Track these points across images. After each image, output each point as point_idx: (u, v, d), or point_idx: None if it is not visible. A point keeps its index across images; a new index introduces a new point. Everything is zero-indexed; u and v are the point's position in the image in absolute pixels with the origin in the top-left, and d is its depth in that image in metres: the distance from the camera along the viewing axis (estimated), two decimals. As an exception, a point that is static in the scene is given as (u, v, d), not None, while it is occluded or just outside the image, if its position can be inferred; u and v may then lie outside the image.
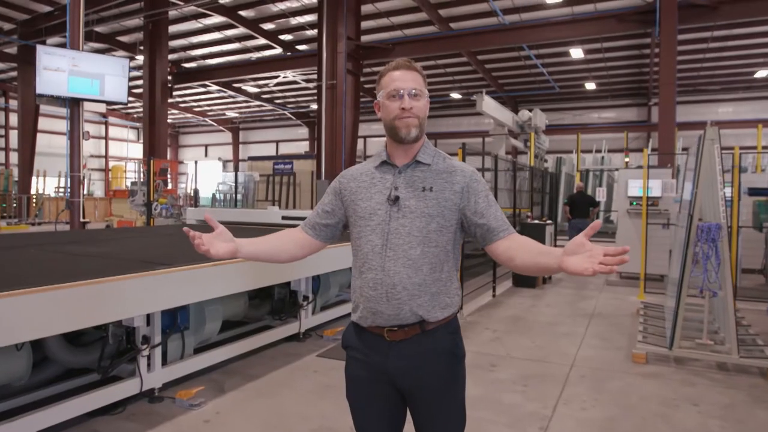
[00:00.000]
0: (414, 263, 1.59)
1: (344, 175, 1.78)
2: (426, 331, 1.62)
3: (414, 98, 1.62)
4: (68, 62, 8.28)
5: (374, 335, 1.65)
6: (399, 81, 1.62)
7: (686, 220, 4.62)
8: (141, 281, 3.16)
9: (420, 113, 1.63)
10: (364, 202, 1.67)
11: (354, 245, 1.71)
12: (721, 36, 16.67)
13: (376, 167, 1.72)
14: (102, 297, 2.93)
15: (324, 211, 1.78)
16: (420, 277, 1.60)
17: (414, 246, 1.59)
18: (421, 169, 1.66)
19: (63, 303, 2.73)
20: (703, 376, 4.22)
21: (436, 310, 1.63)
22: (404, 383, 1.64)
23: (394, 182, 1.65)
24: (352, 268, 1.73)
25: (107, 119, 32.82)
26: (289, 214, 7.98)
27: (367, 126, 28.46)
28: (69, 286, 2.77)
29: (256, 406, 3.55)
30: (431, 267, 1.61)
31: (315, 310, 5.38)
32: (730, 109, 23.11)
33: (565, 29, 14.69)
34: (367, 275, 1.63)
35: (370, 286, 1.62)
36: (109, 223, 17.43)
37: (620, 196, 9.59)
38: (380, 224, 1.63)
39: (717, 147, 4.38)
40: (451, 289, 1.68)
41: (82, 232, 7.33)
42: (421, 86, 1.65)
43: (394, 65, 1.66)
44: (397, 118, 1.62)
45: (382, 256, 1.61)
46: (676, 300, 4.46)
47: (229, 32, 19.17)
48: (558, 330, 5.70)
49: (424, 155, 1.68)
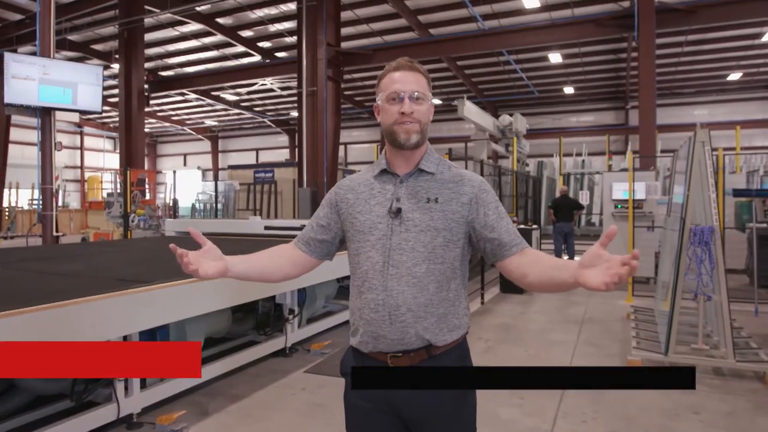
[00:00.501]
0: (419, 281, 1.44)
1: (341, 186, 1.63)
2: (433, 356, 1.48)
3: (415, 102, 1.48)
4: (38, 70, 7.95)
5: (376, 362, 1.50)
6: (399, 83, 1.48)
7: (678, 223, 4.56)
8: (116, 301, 2.95)
9: (422, 118, 1.49)
10: (362, 215, 1.52)
11: (352, 262, 1.56)
12: (695, 40, 16.95)
13: (375, 176, 1.56)
14: (73, 319, 2.72)
15: (319, 225, 1.63)
16: (426, 297, 1.45)
17: (419, 263, 1.45)
18: (425, 179, 1.52)
19: (31, 327, 2.52)
20: (700, 383, 4.14)
21: (444, 333, 1.48)
22: (410, 414, 1.48)
23: (396, 193, 1.50)
24: (350, 287, 1.57)
25: (82, 129, 32.13)
26: (271, 224, 7.77)
27: (348, 133, 28.35)
28: (36, 310, 2.56)
29: (241, 429, 3.36)
30: (438, 285, 1.46)
31: (301, 323, 5.20)
32: (705, 112, 23.51)
33: (544, 34, 14.75)
34: (367, 295, 1.48)
35: (371, 307, 1.47)
36: (85, 236, 16.96)
37: (605, 200, 9.59)
38: (381, 239, 1.48)
39: (708, 149, 4.33)
40: (460, 309, 1.53)
41: (55, 246, 7.03)
42: (424, 89, 1.50)
43: (394, 65, 1.52)
44: (396, 123, 1.48)
45: (383, 274, 1.45)
46: (670, 305, 4.38)
47: (207, 40, 18.90)
48: (550, 337, 5.60)
49: (428, 163, 1.54)
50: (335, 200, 1.61)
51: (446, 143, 19.64)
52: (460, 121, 24.66)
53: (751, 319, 6.19)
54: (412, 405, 1.47)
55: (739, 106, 22.82)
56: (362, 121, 29.10)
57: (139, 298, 3.08)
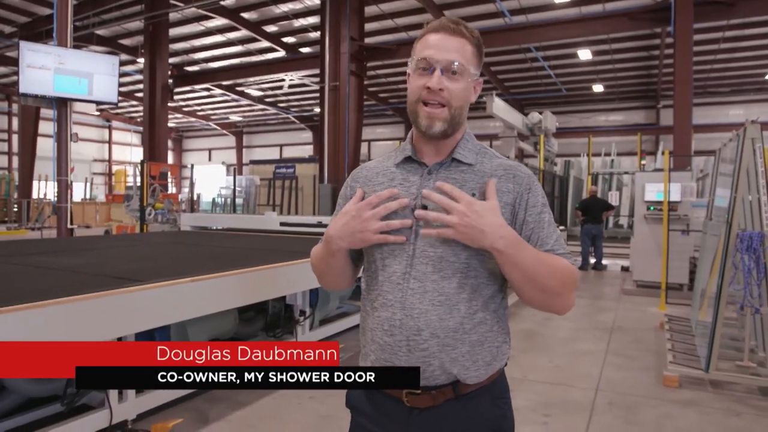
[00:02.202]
0: (447, 299, 1.14)
1: (356, 177, 1.33)
2: (462, 395, 1.17)
3: (450, 77, 1.15)
4: (54, 60, 7.86)
5: (389, 398, 1.21)
6: (434, 48, 1.16)
7: (722, 228, 4.17)
8: (109, 300, 2.74)
9: (453, 100, 1.16)
10: None
11: (366, 271, 1.28)
12: (732, 36, 16.24)
13: (398, 165, 1.26)
14: (67, 318, 2.52)
15: None
16: (456, 320, 1.15)
17: (448, 276, 1.15)
18: (459, 170, 1.21)
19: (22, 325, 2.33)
20: (746, 404, 3.76)
21: (477, 367, 1.17)
22: None
23: (422, 186, 1.19)
24: (362, 301, 1.29)
25: (111, 123, 32.66)
26: (288, 220, 7.56)
27: (371, 129, 28.16)
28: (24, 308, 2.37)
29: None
30: (471, 305, 1.16)
31: (313, 325, 4.96)
32: (740, 112, 22.59)
33: (574, 28, 14.31)
34: (381, 313, 1.19)
35: (384, 329, 1.18)
36: (108, 229, 17.10)
37: (637, 201, 9.13)
38: (401, 244, 1.18)
39: (759, 146, 3.94)
40: (500, 336, 1.21)
41: (66, 240, 6.94)
42: (468, 60, 1.17)
43: (435, 26, 1.20)
44: (419, 102, 1.17)
45: (402, 288, 1.16)
46: (713, 317, 4.01)
47: (232, 35, 18.88)
48: (577, 347, 5.26)
49: (465, 151, 1.22)
50: (349, 195, 1.31)
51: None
52: (486, 118, 24.13)
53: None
54: None
55: (778, 107, 21.88)
56: (386, 118, 28.84)
57: (135, 297, 2.86)
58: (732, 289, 4.02)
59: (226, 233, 6.97)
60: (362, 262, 1.34)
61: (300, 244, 5.58)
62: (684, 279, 8.18)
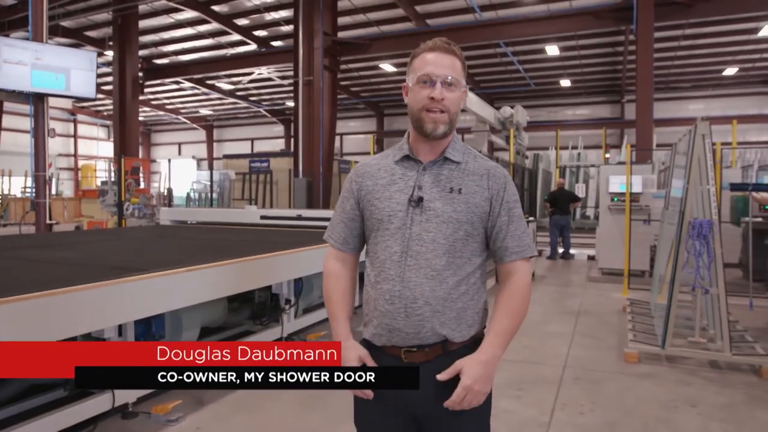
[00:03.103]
0: (438, 274, 1.40)
1: (359, 173, 1.56)
2: (450, 352, 1.43)
3: (447, 88, 1.40)
4: (31, 55, 7.80)
5: (389, 357, 1.45)
6: (433, 65, 1.41)
7: (677, 216, 4.55)
8: (111, 290, 2.91)
9: (452, 106, 1.42)
10: (381, 203, 1.46)
11: (370, 251, 1.51)
12: (691, 34, 16.92)
13: (397, 162, 1.50)
14: (68, 308, 2.68)
15: (349, 219, 1.56)
16: (444, 291, 1.40)
17: (439, 255, 1.40)
18: (449, 168, 1.46)
19: (25, 316, 2.48)
20: (697, 375, 4.15)
21: (461, 328, 1.43)
22: (423, 411, 1.44)
23: (418, 180, 1.44)
24: (366, 277, 1.52)
25: (76, 117, 31.83)
26: (267, 213, 7.72)
27: (344, 123, 28.20)
28: (31, 297, 2.51)
29: (238, 420, 3.33)
30: (457, 279, 1.42)
31: (297, 313, 5.16)
32: (701, 106, 23.51)
33: (542, 26, 14.69)
34: (383, 286, 1.43)
35: (386, 299, 1.42)
36: (78, 225, 16.83)
37: (601, 193, 9.59)
38: (400, 228, 1.42)
39: (708, 142, 4.31)
40: (479, 304, 1.49)
41: (48, 235, 6.95)
42: (459, 74, 1.43)
43: (430, 45, 1.44)
44: (424, 110, 1.41)
45: (401, 264, 1.40)
46: (668, 298, 4.38)
47: (202, 28, 18.69)
48: (546, 329, 5.60)
49: (454, 152, 1.47)
50: (355, 189, 1.54)
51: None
52: (457, 112, 24.60)
53: (746, 312, 6.20)
54: (425, 403, 1.43)
55: (734, 101, 22.84)
56: (358, 111, 28.96)
57: (134, 286, 3.03)
58: (684, 272, 4.40)
59: (207, 227, 7.09)
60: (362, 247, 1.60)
61: (281, 237, 5.77)
62: (645, 266, 8.66)
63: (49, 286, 2.68)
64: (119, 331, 3.20)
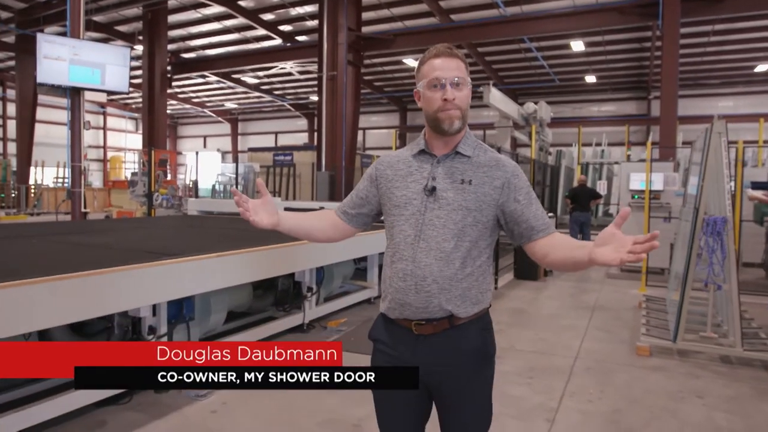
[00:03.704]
0: (447, 256, 1.55)
1: (381, 162, 1.74)
2: (455, 326, 1.58)
3: (456, 88, 1.56)
4: (69, 51, 8.19)
5: (402, 328, 1.62)
6: (440, 70, 1.56)
7: (692, 213, 4.61)
8: (147, 271, 3.14)
9: (462, 104, 1.58)
10: (399, 191, 1.63)
11: (387, 234, 1.69)
12: (722, 30, 16.62)
13: (414, 155, 1.67)
14: (108, 287, 2.91)
15: (359, 198, 1.76)
16: (451, 271, 1.55)
17: (448, 239, 1.55)
18: (461, 161, 1.62)
19: (70, 293, 2.71)
20: (707, 369, 4.23)
21: (466, 305, 1.58)
22: (431, 379, 1.60)
23: (432, 172, 1.61)
24: (384, 257, 1.70)
25: (105, 109, 32.66)
26: (290, 205, 7.96)
27: (366, 118, 28.40)
28: (76, 276, 2.75)
29: (262, 398, 3.54)
30: (463, 261, 1.57)
31: (318, 301, 5.37)
32: (730, 104, 23.08)
33: (567, 21, 14.63)
34: (397, 265, 1.60)
35: (399, 276, 1.58)
36: (108, 214, 17.38)
37: (622, 190, 9.59)
38: (414, 214, 1.59)
39: (724, 140, 4.36)
40: (483, 285, 1.63)
41: (84, 222, 7.29)
42: (464, 74, 1.58)
43: (434, 52, 1.60)
44: (440, 110, 1.57)
45: (413, 247, 1.57)
46: (680, 293, 4.46)
47: (228, 22, 19.01)
48: (561, 323, 5.71)
49: (465, 146, 1.63)
50: (375, 175, 1.72)
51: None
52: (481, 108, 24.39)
53: (765, 312, 6.21)
54: (432, 371, 1.59)
55: (765, 98, 22.34)
56: (381, 106, 29.11)
57: (168, 269, 3.26)
58: (698, 269, 4.47)
59: (232, 217, 7.34)
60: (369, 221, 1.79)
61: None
62: (665, 263, 8.63)
63: (94, 266, 2.92)
64: (153, 311, 3.44)
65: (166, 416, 3.20)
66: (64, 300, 2.70)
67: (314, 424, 3.18)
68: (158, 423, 3.12)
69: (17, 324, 2.53)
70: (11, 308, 2.46)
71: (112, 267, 2.97)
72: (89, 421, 3.10)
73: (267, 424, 3.17)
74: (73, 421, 3.06)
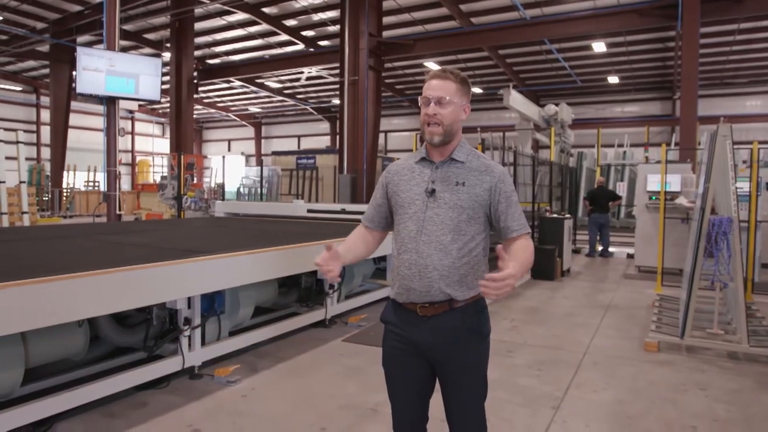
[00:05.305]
0: (445, 248, 1.82)
1: (390, 170, 2.03)
2: (454, 308, 1.85)
3: (439, 105, 1.83)
4: (106, 63, 8.70)
5: (408, 311, 1.89)
6: (430, 89, 1.85)
7: (698, 213, 4.76)
8: (183, 267, 3.45)
9: (444, 120, 1.83)
10: (404, 193, 1.91)
11: (395, 230, 1.97)
12: (748, 28, 16.44)
13: (416, 162, 1.95)
14: (148, 281, 3.22)
15: (378, 205, 2.04)
16: (450, 260, 1.82)
17: (446, 233, 1.82)
18: (456, 166, 1.89)
19: (115, 285, 3.03)
20: (713, 364, 4.37)
21: (463, 290, 1.84)
22: (433, 355, 1.87)
23: (432, 176, 1.88)
24: (392, 250, 1.98)
25: (133, 115, 33.58)
26: (313, 207, 8.27)
27: (387, 121, 28.69)
28: (119, 270, 3.06)
29: (287, 384, 3.83)
30: (460, 252, 1.83)
31: (340, 298, 5.65)
32: (758, 103, 22.74)
33: (587, 24, 14.68)
34: (403, 256, 1.87)
35: (405, 266, 1.86)
36: (137, 216, 17.97)
37: (639, 191, 9.67)
38: (417, 213, 1.86)
39: (729, 143, 4.50)
40: (478, 272, 1.88)
41: (120, 223, 7.72)
42: (451, 94, 1.83)
43: (431, 75, 1.88)
44: (424, 124, 1.87)
45: (416, 240, 1.84)
46: (687, 290, 4.61)
47: (252, 29, 19.52)
48: (574, 321, 5.88)
49: (459, 153, 1.90)
50: (385, 182, 2.02)
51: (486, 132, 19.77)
52: (501, 110, 24.62)
53: (779, 311, 6.28)
54: (434, 348, 1.86)
55: (794, 97, 21.93)
56: (402, 109, 29.38)
57: (202, 265, 3.57)
58: (704, 267, 4.61)
59: (259, 219, 7.69)
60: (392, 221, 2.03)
61: (327, 228, 6.27)
62: (682, 264, 8.70)
63: (135, 262, 3.24)
64: (188, 303, 3.75)
65: (200, 399, 3.51)
66: (108, 292, 3.01)
67: (335, 408, 3.44)
68: (195, 404, 3.43)
69: (68, 312, 2.85)
70: (63, 299, 2.77)
71: (152, 263, 3.28)
72: (132, 402, 3.42)
73: (292, 407, 3.45)
74: (117, 402, 3.38)
